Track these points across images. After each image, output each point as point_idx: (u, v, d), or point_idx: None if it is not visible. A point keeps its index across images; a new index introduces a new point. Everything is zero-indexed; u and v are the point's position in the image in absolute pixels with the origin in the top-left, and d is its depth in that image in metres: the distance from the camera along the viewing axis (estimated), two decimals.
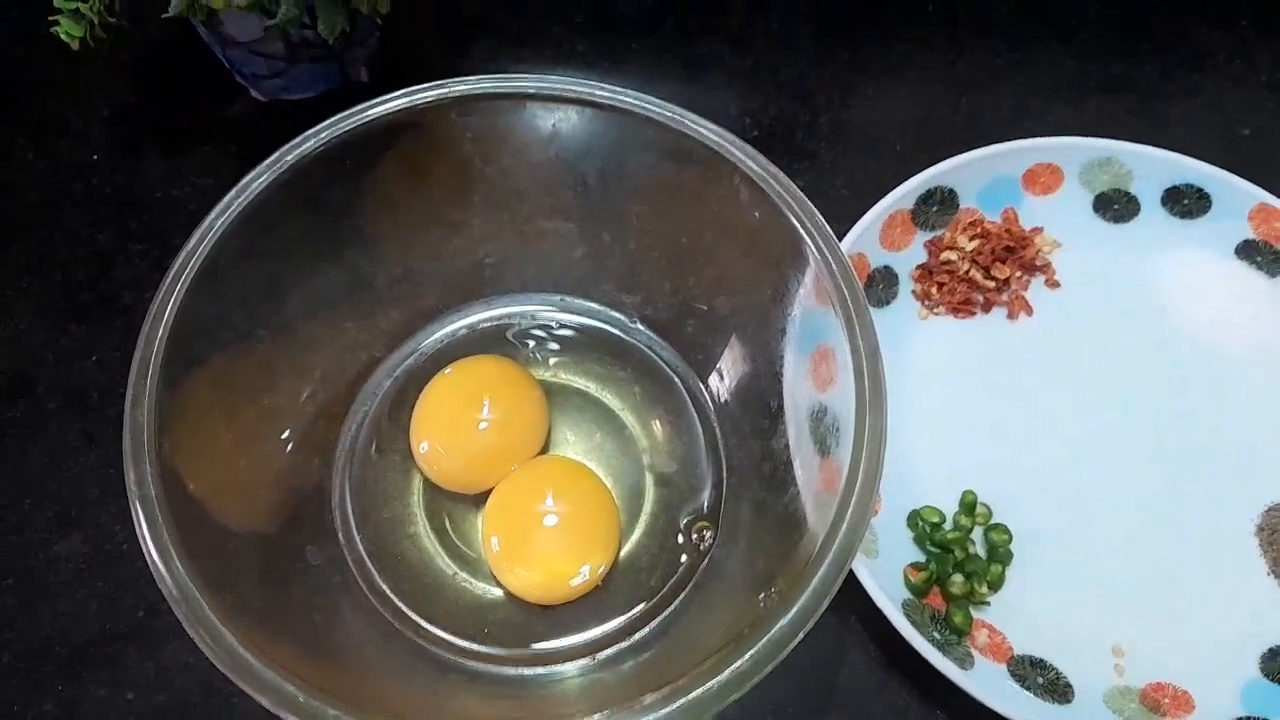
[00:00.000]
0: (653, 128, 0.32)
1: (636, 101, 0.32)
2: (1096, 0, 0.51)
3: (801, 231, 0.30)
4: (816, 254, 0.30)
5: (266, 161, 0.31)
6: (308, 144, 0.31)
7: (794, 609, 0.25)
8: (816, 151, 0.45)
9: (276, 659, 0.25)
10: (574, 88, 0.32)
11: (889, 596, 0.34)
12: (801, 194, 0.30)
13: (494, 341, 0.39)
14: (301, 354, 0.36)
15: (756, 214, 0.32)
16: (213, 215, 0.30)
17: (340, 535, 0.34)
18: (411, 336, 0.39)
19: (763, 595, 0.28)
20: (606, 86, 0.32)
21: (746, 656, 0.24)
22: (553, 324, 0.39)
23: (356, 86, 0.46)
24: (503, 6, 0.49)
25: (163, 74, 0.47)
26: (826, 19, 0.49)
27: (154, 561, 0.25)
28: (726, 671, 0.24)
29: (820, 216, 0.30)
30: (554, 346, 0.39)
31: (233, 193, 0.30)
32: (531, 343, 0.39)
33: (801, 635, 0.24)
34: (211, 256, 0.30)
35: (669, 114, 0.32)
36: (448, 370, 0.37)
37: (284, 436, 0.34)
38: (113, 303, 0.42)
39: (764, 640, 0.24)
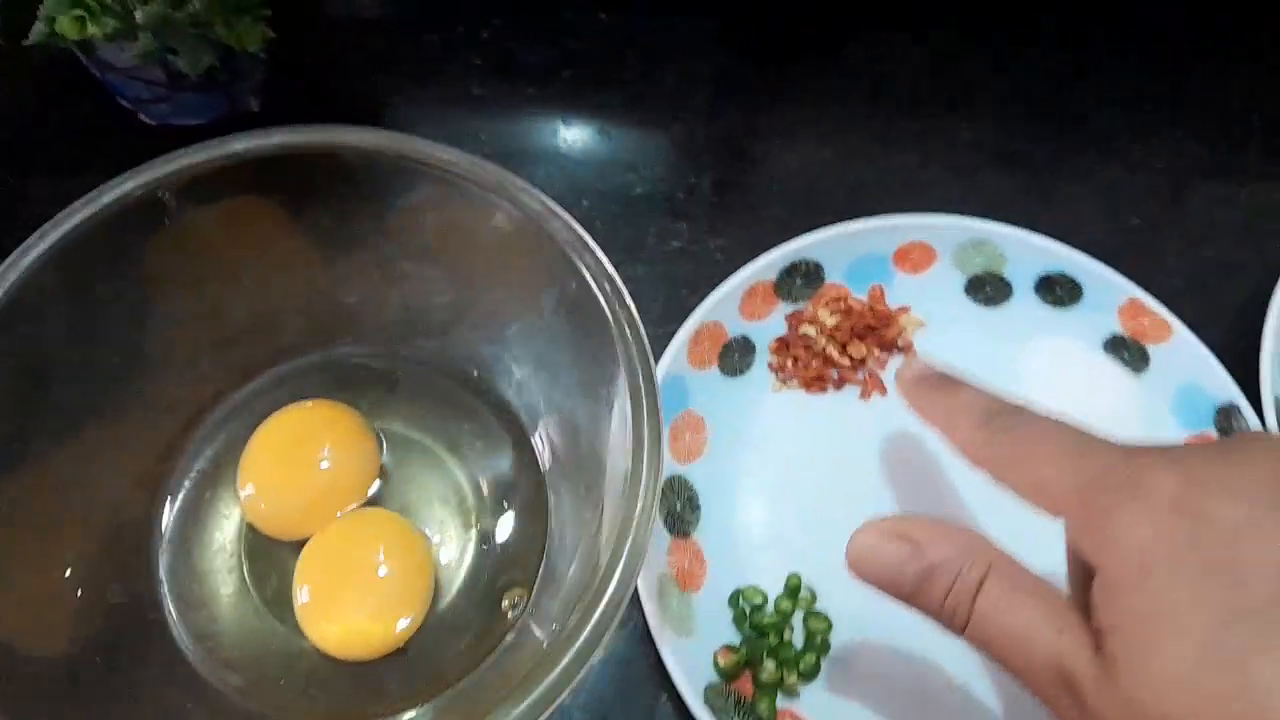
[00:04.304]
0: (477, 189, 0.32)
1: (463, 162, 0.32)
2: (1001, 76, 0.50)
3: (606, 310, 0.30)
4: (616, 328, 0.30)
5: (82, 199, 0.31)
6: (106, 196, 0.31)
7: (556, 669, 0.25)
8: (695, 214, 0.45)
9: None
10: (394, 144, 0.32)
11: (690, 679, 0.33)
12: (580, 235, 0.30)
13: (336, 385, 0.38)
14: (150, 385, 0.36)
15: (574, 285, 0.31)
16: (15, 254, 0.30)
17: (162, 574, 0.34)
18: (257, 376, 0.38)
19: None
20: (444, 147, 0.32)
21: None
22: (397, 372, 0.39)
23: (247, 115, 0.46)
24: (405, 44, 0.49)
25: (52, 95, 0.47)
26: (723, 79, 0.49)
27: None
28: None
29: (608, 266, 0.30)
30: (396, 395, 0.39)
31: (34, 236, 0.30)
32: (374, 390, 0.39)
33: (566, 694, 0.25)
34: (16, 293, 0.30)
35: (491, 177, 0.32)
36: (278, 414, 0.37)
37: (114, 475, 0.34)
38: None
39: (527, 701, 0.24)
